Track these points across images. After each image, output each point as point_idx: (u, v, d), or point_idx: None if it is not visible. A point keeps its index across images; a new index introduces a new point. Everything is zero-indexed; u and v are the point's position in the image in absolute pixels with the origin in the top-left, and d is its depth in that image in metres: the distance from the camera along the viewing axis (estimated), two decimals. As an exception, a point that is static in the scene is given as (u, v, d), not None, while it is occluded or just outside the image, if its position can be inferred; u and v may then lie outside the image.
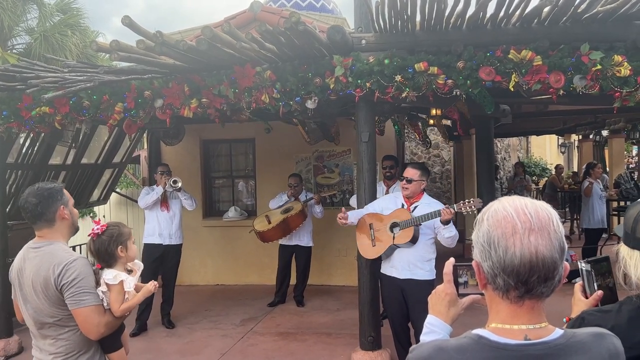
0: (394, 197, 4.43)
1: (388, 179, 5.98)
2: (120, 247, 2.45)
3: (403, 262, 4.18)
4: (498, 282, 1.14)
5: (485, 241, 1.15)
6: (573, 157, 21.50)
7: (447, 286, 1.44)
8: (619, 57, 3.77)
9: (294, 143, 7.69)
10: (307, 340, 5.54)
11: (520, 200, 1.15)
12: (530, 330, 1.13)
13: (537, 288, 1.12)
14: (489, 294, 1.20)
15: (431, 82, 4.11)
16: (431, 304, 1.47)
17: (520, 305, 1.14)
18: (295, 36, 3.72)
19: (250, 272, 8.14)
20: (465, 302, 1.45)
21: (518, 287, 1.12)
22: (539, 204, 1.15)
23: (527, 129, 12.40)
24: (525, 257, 1.09)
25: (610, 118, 10.10)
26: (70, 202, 2.51)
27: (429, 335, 1.40)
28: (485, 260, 1.15)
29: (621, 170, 11.85)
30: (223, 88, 4.39)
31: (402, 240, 4.09)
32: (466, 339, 1.16)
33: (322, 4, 11.33)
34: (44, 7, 13.93)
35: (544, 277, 1.11)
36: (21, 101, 4.75)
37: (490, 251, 1.13)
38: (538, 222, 1.11)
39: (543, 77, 3.91)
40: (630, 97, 3.87)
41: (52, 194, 2.44)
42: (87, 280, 2.32)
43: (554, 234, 1.11)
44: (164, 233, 6.11)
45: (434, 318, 1.44)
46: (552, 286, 1.13)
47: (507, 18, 3.97)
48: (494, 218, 1.15)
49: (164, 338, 5.78)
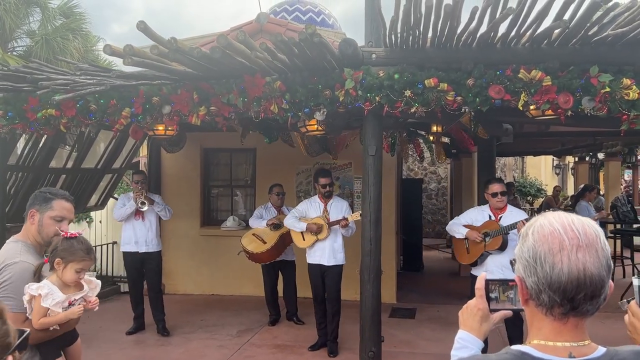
0: (480, 209, 5.18)
1: (327, 197, 5.77)
2: (58, 260, 2.33)
3: (496, 266, 4.80)
4: (543, 298, 1.12)
5: (530, 256, 1.13)
6: (567, 178, 21.65)
7: (480, 301, 1.41)
8: (628, 81, 3.81)
9: (295, 154, 7.66)
10: (304, 354, 5.49)
11: (567, 216, 1.14)
12: (575, 348, 1.12)
13: (582, 306, 1.10)
14: (530, 310, 1.18)
15: (440, 98, 4.13)
16: (462, 319, 1.44)
17: (565, 323, 1.13)
18: (309, 48, 3.73)
19: (246, 283, 8.08)
20: (496, 317, 1.42)
21: (563, 304, 1.10)
22: (586, 220, 1.14)
23: (525, 149, 12.49)
24: (573, 274, 1.08)
25: (607, 141, 10.20)
26: (51, 213, 2.44)
27: (461, 350, 1.38)
28: (529, 275, 1.14)
29: (617, 192, 11.94)
30: (232, 97, 4.38)
31: (492, 247, 4.80)
32: (508, 354, 1.15)
33: (323, 18, 11.43)
34: (47, 11, 13.93)
35: (590, 294, 1.09)
36: (27, 102, 4.72)
37: (535, 266, 1.12)
38: (586, 239, 1.10)
39: (552, 98, 3.93)
40: (637, 120, 3.91)
41: (37, 196, 2.50)
42: (16, 285, 2.26)
43: (601, 251, 1.10)
44: (139, 241, 6.20)
45: (466, 333, 1.41)
46: (597, 304, 1.12)
47: (518, 38, 4.01)
48: (540, 233, 1.13)
49: (159, 347, 5.71)
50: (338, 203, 5.79)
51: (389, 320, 6.63)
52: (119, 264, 8.47)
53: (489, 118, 5.16)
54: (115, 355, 5.37)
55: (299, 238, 5.79)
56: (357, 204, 7.56)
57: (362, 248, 4.58)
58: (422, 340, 5.95)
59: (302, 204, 6.01)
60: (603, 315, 5.90)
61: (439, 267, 10.81)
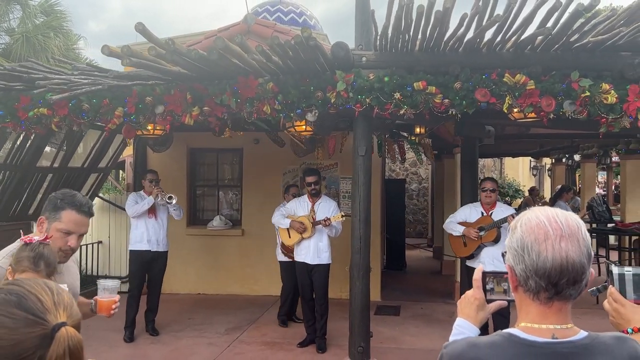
0: (473, 206, 5.57)
1: (314, 196, 5.86)
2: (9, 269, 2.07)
3: (488, 257, 5.20)
4: (530, 284, 1.23)
5: (519, 246, 1.24)
6: (544, 179, 22.10)
7: (477, 291, 1.53)
8: (607, 85, 4.00)
9: (281, 154, 7.77)
10: (294, 350, 5.58)
11: (551, 210, 1.26)
12: (558, 330, 1.23)
13: (566, 290, 1.21)
14: (519, 296, 1.30)
15: (428, 100, 4.28)
16: (460, 307, 1.56)
17: (550, 307, 1.24)
18: (304, 51, 3.83)
19: (232, 283, 8.14)
20: (492, 307, 1.54)
21: (548, 289, 1.21)
22: (568, 214, 1.26)
23: (505, 151, 12.75)
24: (557, 261, 1.19)
25: (584, 143, 10.52)
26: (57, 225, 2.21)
27: (458, 336, 1.48)
28: (518, 263, 1.25)
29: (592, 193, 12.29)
30: (225, 97, 4.46)
31: (488, 239, 5.23)
32: (497, 336, 1.26)
33: (304, 19, 11.50)
34: (27, 8, 13.75)
35: (573, 280, 1.20)
36: (18, 101, 4.73)
37: (523, 255, 1.23)
38: (568, 230, 1.21)
39: (535, 101, 4.11)
40: (615, 123, 4.10)
41: (49, 200, 2.29)
42: None
43: (582, 241, 1.22)
44: (152, 239, 6.09)
45: (463, 320, 1.52)
46: (579, 289, 1.23)
47: (503, 43, 4.18)
48: (527, 225, 1.24)
49: (149, 345, 5.74)
50: (326, 203, 5.90)
51: (375, 318, 6.74)
52: (104, 263, 8.45)
53: (473, 120, 5.34)
54: (107, 353, 5.40)
55: (285, 235, 5.91)
56: (343, 204, 7.69)
57: (351, 246, 4.70)
58: (408, 336, 6.09)
59: (291, 202, 6.12)
60: (580, 312, 6.12)
61: (421, 265, 11.01)
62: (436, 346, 5.74)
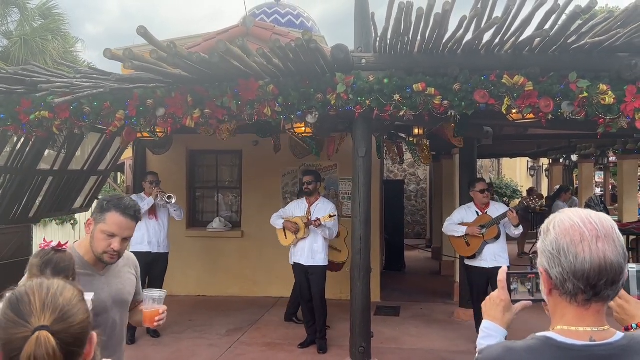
0: (467, 207, 5.74)
1: (309, 195, 5.88)
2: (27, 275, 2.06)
3: (490, 254, 5.38)
4: (567, 286, 1.21)
5: (554, 249, 1.22)
6: (542, 179, 22.18)
7: (502, 292, 1.52)
8: (604, 86, 4.03)
9: (281, 156, 7.78)
10: (294, 351, 5.61)
11: (583, 211, 1.25)
12: (595, 332, 1.21)
13: (604, 291, 1.20)
14: (554, 299, 1.28)
15: (428, 102, 4.31)
16: (486, 309, 1.54)
17: (587, 309, 1.22)
18: (304, 53, 3.86)
19: (232, 284, 8.16)
20: (517, 307, 1.53)
21: (587, 291, 1.20)
22: (601, 214, 1.25)
23: (503, 151, 12.81)
24: (595, 262, 1.17)
25: (581, 143, 10.57)
26: (102, 227, 2.22)
27: (486, 339, 1.47)
28: (554, 267, 1.23)
29: (590, 193, 12.35)
30: (226, 100, 4.49)
31: (490, 236, 5.38)
32: (533, 340, 1.24)
33: (302, 21, 11.51)
34: (26, 11, 13.76)
35: (611, 280, 1.19)
36: (19, 104, 4.75)
37: (560, 258, 1.21)
38: (604, 230, 1.20)
39: (534, 102, 4.14)
40: (613, 124, 4.14)
41: (98, 202, 2.38)
42: None
43: (617, 241, 1.21)
44: (152, 241, 6.11)
45: (490, 323, 1.51)
46: (617, 290, 1.22)
47: (501, 45, 4.21)
48: (561, 227, 1.23)
49: (150, 347, 5.76)
50: (323, 205, 5.89)
51: (375, 318, 6.75)
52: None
53: (471, 121, 5.38)
54: (107, 355, 5.41)
55: (281, 236, 5.94)
56: (343, 205, 7.72)
57: (352, 247, 4.74)
58: (408, 337, 6.12)
59: (290, 204, 6.16)
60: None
61: (420, 266, 11.04)
62: (436, 346, 5.82)
